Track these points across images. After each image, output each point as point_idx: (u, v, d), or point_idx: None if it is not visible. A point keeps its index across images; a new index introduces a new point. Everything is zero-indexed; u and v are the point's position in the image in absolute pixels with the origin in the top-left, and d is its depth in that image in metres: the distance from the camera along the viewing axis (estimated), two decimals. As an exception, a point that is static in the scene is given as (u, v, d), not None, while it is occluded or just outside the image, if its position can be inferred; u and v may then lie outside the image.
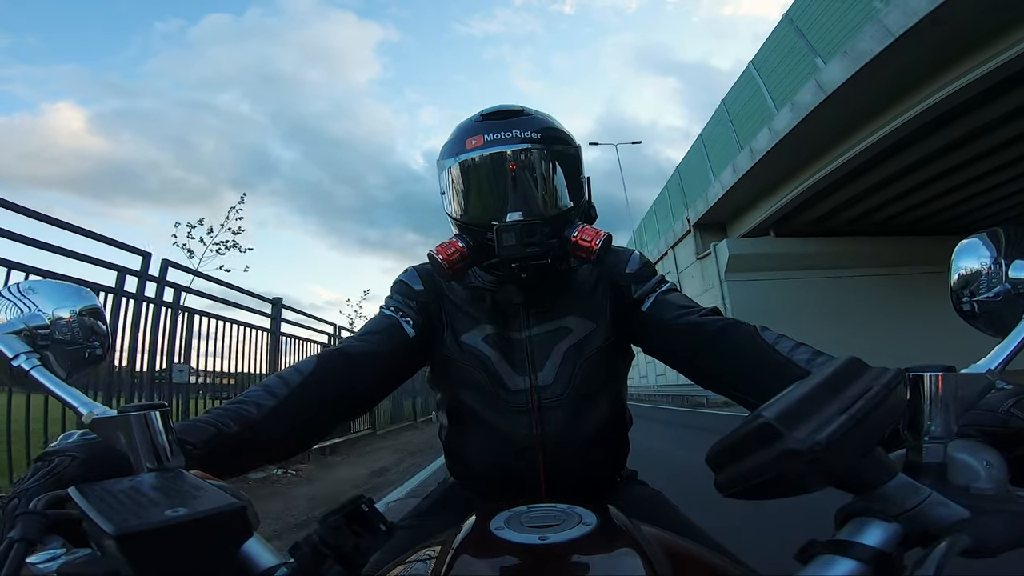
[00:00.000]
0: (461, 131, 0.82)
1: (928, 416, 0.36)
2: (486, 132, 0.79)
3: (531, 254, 0.74)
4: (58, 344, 0.54)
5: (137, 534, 0.29)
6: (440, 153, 0.84)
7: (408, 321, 0.82)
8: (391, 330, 0.81)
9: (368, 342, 0.78)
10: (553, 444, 0.78)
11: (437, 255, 0.78)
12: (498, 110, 0.82)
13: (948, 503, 0.33)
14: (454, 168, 0.81)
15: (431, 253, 0.79)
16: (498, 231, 0.74)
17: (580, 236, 0.77)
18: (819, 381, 0.32)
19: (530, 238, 0.74)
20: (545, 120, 0.82)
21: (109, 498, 0.32)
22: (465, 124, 0.83)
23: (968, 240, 0.52)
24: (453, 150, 0.81)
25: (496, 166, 0.78)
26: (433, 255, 0.78)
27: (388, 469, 5.53)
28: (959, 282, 0.51)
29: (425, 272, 0.88)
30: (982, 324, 0.51)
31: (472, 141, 0.79)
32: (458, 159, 0.80)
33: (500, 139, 0.78)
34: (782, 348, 0.69)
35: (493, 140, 0.78)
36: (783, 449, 0.29)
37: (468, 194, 0.81)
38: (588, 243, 0.76)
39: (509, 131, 0.78)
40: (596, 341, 0.82)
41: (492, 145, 0.78)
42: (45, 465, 0.43)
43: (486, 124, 0.80)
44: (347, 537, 0.35)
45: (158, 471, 0.39)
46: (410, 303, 0.84)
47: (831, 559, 0.33)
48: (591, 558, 0.44)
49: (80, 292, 0.59)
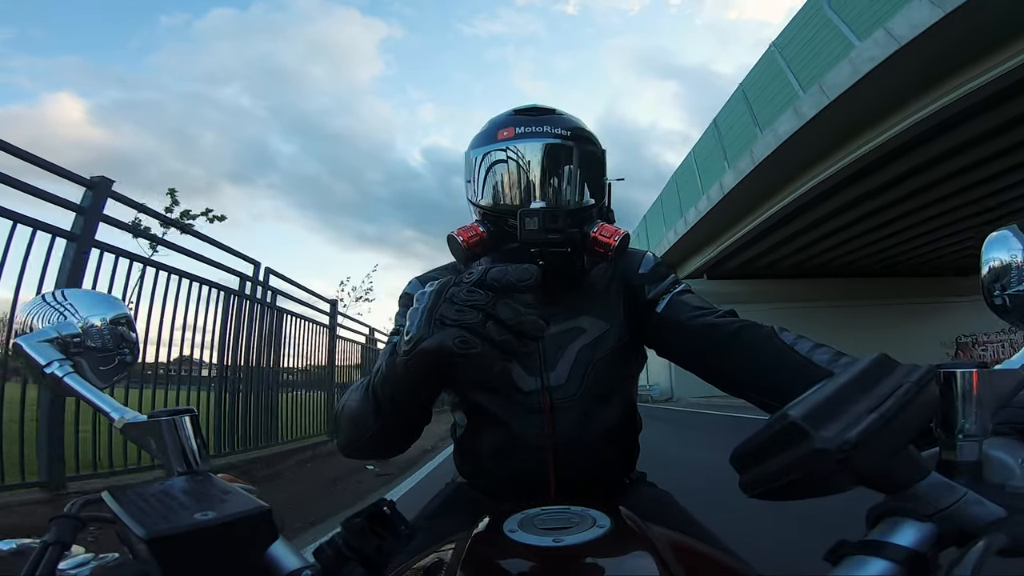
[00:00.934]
0: (493, 124, 0.85)
1: (962, 413, 0.35)
2: (518, 125, 0.81)
3: (552, 240, 0.75)
4: (90, 351, 0.56)
5: (167, 537, 0.30)
6: (470, 144, 0.87)
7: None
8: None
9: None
10: (564, 445, 0.78)
11: (457, 237, 0.78)
12: (531, 107, 0.85)
13: (984, 502, 0.32)
14: (484, 156, 0.83)
15: (451, 235, 0.79)
16: (521, 216, 0.75)
17: (600, 232, 0.77)
18: (847, 379, 0.32)
19: (553, 224, 0.74)
20: (575, 121, 0.84)
21: (140, 502, 0.33)
22: (498, 118, 0.86)
23: (998, 232, 0.50)
24: (485, 140, 0.83)
25: (525, 156, 0.80)
26: (453, 236, 0.79)
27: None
28: (990, 275, 0.50)
29: (428, 280, 0.88)
30: (1015, 318, 0.49)
31: (504, 132, 0.81)
32: (489, 147, 0.82)
33: (531, 132, 0.81)
34: (801, 349, 0.68)
35: (524, 133, 0.81)
36: (810, 449, 0.29)
37: (495, 182, 0.83)
38: (607, 239, 0.77)
39: (540, 126, 0.81)
40: (609, 342, 0.82)
41: (523, 138, 0.80)
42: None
43: (519, 118, 0.83)
44: (369, 539, 0.36)
45: (187, 475, 0.40)
46: None
47: (863, 559, 0.32)
48: (605, 560, 0.44)
49: (110, 301, 0.60)
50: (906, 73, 7.64)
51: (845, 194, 11.56)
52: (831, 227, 13.87)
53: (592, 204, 0.83)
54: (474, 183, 0.85)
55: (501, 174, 0.82)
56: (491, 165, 0.82)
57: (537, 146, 0.80)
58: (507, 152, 0.81)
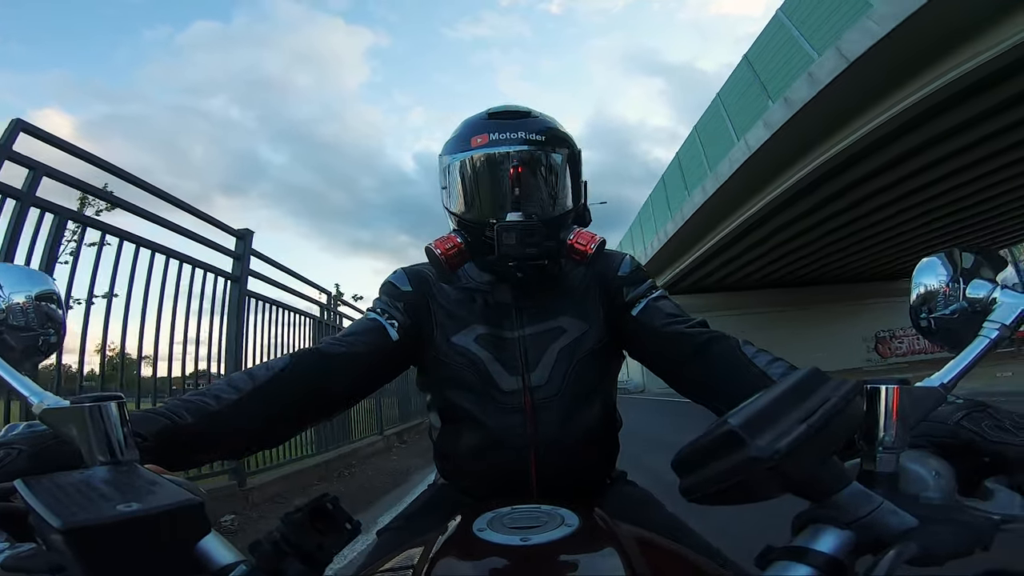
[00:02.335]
0: (467, 128, 0.83)
1: (883, 427, 0.37)
2: (492, 131, 0.80)
3: (530, 255, 0.76)
4: (12, 330, 0.52)
5: (85, 528, 0.28)
6: (444, 148, 0.85)
7: (393, 324, 0.81)
8: (373, 333, 0.80)
9: (348, 343, 0.77)
10: (546, 444, 0.78)
11: (435, 249, 0.78)
12: (505, 110, 0.83)
13: (898, 511, 0.35)
14: (457, 165, 0.81)
15: (429, 247, 0.79)
16: (498, 230, 0.75)
17: (576, 239, 0.78)
18: (782, 390, 0.33)
19: (530, 238, 0.75)
20: (549, 122, 0.83)
21: (57, 491, 0.31)
22: (472, 121, 0.84)
23: (928, 259, 0.54)
24: (458, 146, 0.82)
25: (499, 166, 0.79)
26: (431, 249, 0.78)
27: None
28: (918, 299, 0.53)
29: (414, 273, 0.87)
30: (939, 340, 0.53)
31: (478, 139, 0.80)
32: (462, 156, 0.80)
33: (505, 139, 0.79)
34: (759, 362, 0.71)
35: (498, 140, 0.79)
36: (746, 456, 0.30)
37: (470, 191, 0.82)
38: (583, 247, 0.77)
39: (515, 132, 0.79)
40: (589, 342, 0.83)
41: (497, 145, 0.79)
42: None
43: (492, 123, 0.81)
44: (310, 535, 0.35)
45: (111, 465, 0.38)
46: (397, 304, 0.83)
47: (787, 564, 0.34)
48: (572, 559, 0.44)
49: (36, 276, 0.57)
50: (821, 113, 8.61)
51: (776, 220, 13.45)
52: (767, 247, 16.20)
53: (569, 209, 0.83)
54: (449, 190, 0.84)
55: (476, 184, 0.81)
56: (466, 174, 0.81)
57: (511, 153, 0.78)
58: (481, 161, 0.80)
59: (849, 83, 7.71)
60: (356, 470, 4.94)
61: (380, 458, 5.74)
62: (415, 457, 5.82)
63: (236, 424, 0.63)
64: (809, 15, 8.61)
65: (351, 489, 4.18)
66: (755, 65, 10.42)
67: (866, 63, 7.27)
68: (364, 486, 4.28)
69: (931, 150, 9.83)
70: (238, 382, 0.66)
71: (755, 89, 10.26)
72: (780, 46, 9.44)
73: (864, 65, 7.32)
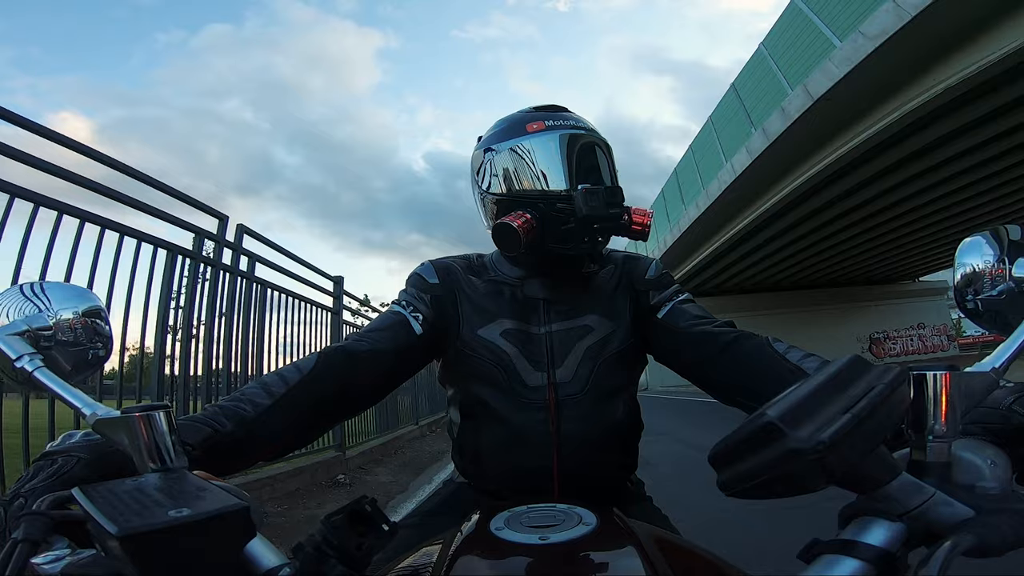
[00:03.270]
0: (514, 121, 0.86)
1: (932, 415, 0.36)
2: (545, 119, 0.84)
3: (613, 215, 0.78)
4: (61, 345, 0.54)
5: (141, 535, 0.29)
6: (483, 143, 0.88)
7: (417, 317, 0.81)
8: (397, 327, 0.80)
9: (373, 340, 0.78)
10: (569, 442, 0.78)
11: (511, 222, 0.77)
12: (547, 105, 0.88)
13: (952, 502, 0.33)
14: (516, 149, 0.83)
15: (504, 222, 0.77)
16: (585, 192, 0.77)
17: (635, 212, 0.82)
18: (822, 380, 0.32)
19: (613, 199, 0.78)
20: (588, 121, 0.87)
21: (113, 499, 0.32)
22: (516, 116, 0.87)
23: (972, 238, 0.52)
24: (510, 135, 0.85)
25: (570, 143, 0.82)
26: (507, 223, 0.77)
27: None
28: (963, 280, 0.51)
29: (442, 266, 0.88)
30: (986, 322, 0.50)
31: (533, 126, 0.83)
32: (522, 139, 0.83)
33: (561, 124, 0.83)
34: (792, 357, 0.69)
35: (555, 125, 0.83)
36: (786, 448, 0.29)
37: (537, 169, 0.83)
38: (642, 218, 0.82)
39: (566, 119, 0.84)
40: (615, 342, 0.83)
41: (557, 129, 0.83)
42: (49, 464, 0.43)
43: (541, 114, 0.86)
44: (350, 537, 0.35)
45: (161, 472, 0.39)
46: (424, 296, 0.84)
47: (835, 559, 0.33)
48: (592, 558, 0.44)
49: (83, 293, 0.59)
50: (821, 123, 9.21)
51: (769, 230, 14.36)
52: (765, 252, 17.11)
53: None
54: (500, 178, 0.85)
55: (546, 161, 0.83)
56: (529, 155, 0.83)
57: (572, 135, 0.82)
58: (547, 140, 0.82)
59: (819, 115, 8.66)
60: (405, 449, 6.43)
61: (418, 442, 7.16)
62: (444, 443, 6.66)
63: (273, 428, 0.65)
64: (786, 51, 9.54)
65: (405, 460, 5.69)
66: (742, 96, 11.21)
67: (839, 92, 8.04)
68: (413, 459, 5.78)
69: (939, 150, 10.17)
70: (272, 386, 0.67)
71: (740, 117, 11.35)
72: (762, 76, 10.36)
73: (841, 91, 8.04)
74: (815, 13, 8.55)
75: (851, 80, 7.74)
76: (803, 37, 8.90)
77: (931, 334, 25.63)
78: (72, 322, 0.56)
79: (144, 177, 2.85)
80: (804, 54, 8.81)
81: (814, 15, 8.56)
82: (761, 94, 10.37)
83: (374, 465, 5.19)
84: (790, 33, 9.36)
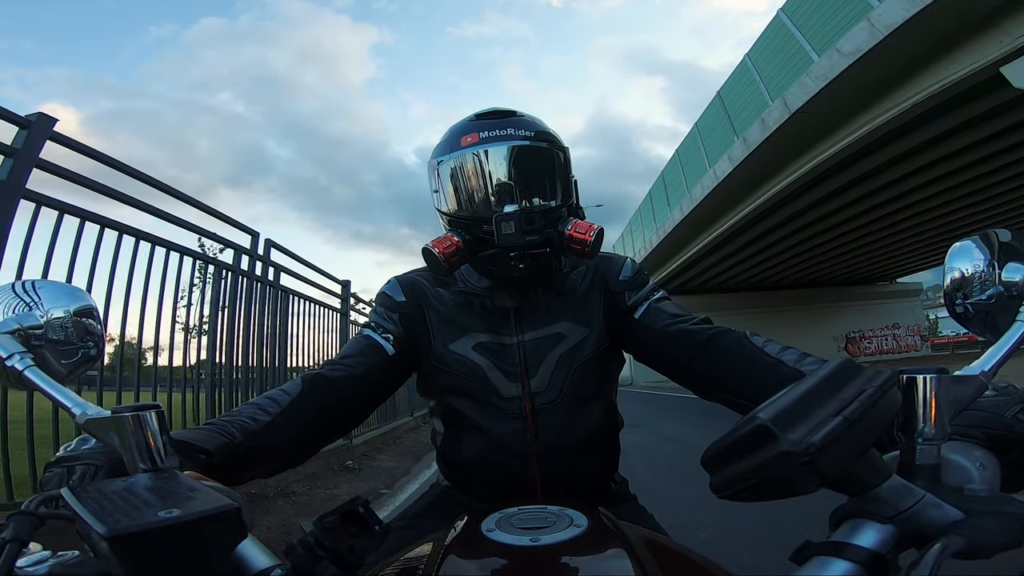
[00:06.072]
0: (455, 131, 0.83)
1: (922, 418, 0.36)
2: (481, 130, 0.80)
3: (531, 242, 0.75)
4: (52, 344, 0.54)
5: (129, 535, 0.29)
6: (433, 153, 0.85)
7: (388, 338, 0.82)
8: (368, 352, 0.81)
9: (347, 366, 0.78)
10: (548, 449, 0.78)
11: (433, 248, 0.77)
12: (491, 111, 0.84)
13: (942, 504, 0.33)
14: (448, 165, 0.81)
15: (426, 248, 0.78)
16: (497, 220, 0.74)
17: (574, 229, 0.77)
18: (814, 383, 0.32)
19: (530, 226, 0.74)
20: (537, 122, 0.83)
21: (102, 499, 0.32)
22: (459, 125, 0.84)
23: (962, 243, 0.52)
24: (447, 148, 0.82)
25: (492, 160, 0.79)
26: (429, 248, 0.77)
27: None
28: (952, 284, 0.52)
29: (407, 282, 0.87)
30: (975, 326, 0.51)
31: (467, 139, 0.80)
32: (454, 155, 0.81)
33: (495, 136, 0.79)
34: (771, 351, 0.70)
35: (488, 137, 0.79)
36: (778, 451, 0.30)
37: (464, 189, 0.81)
38: (582, 236, 0.76)
39: (504, 129, 0.80)
40: (589, 347, 0.82)
41: (487, 142, 0.79)
42: (67, 473, 0.43)
43: (480, 123, 0.81)
44: (342, 538, 0.35)
45: (152, 472, 0.39)
46: (392, 316, 0.84)
47: (826, 560, 0.33)
48: (582, 559, 0.44)
49: (75, 292, 0.59)
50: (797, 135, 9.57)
51: (751, 232, 14.80)
52: (747, 253, 17.61)
53: (562, 204, 0.82)
54: (442, 192, 0.84)
55: (469, 181, 0.81)
56: (458, 172, 0.81)
57: (503, 149, 0.78)
58: (473, 158, 0.79)
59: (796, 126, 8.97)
60: (403, 439, 6.86)
61: (414, 432, 7.68)
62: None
63: (275, 442, 0.66)
64: (769, 63, 9.73)
65: (404, 448, 6.12)
66: (727, 105, 11.42)
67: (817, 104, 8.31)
68: (411, 448, 6.20)
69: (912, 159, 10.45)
70: (265, 406, 0.68)
71: (724, 125, 11.58)
72: (746, 86, 10.56)
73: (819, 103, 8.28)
74: (797, 27, 8.73)
75: (826, 94, 7.97)
76: (785, 50, 9.09)
77: (905, 334, 26.21)
78: (63, 321, 0.55)
79: (186, 198, 3.29)
80: (785, 67, 9.01)
81: (796, 29, 8.74)
82: (744, 103, 10.64)
83: (377, 452, 5.55)
84: (774, 45, 9.54)
